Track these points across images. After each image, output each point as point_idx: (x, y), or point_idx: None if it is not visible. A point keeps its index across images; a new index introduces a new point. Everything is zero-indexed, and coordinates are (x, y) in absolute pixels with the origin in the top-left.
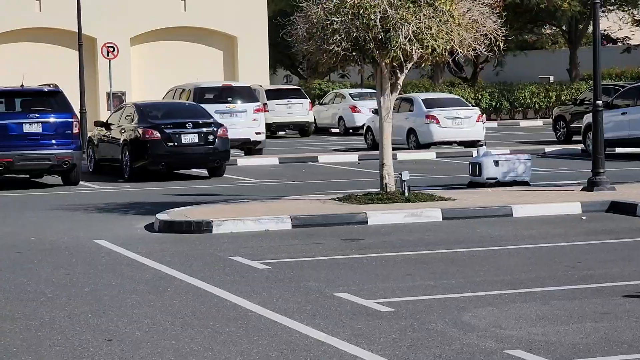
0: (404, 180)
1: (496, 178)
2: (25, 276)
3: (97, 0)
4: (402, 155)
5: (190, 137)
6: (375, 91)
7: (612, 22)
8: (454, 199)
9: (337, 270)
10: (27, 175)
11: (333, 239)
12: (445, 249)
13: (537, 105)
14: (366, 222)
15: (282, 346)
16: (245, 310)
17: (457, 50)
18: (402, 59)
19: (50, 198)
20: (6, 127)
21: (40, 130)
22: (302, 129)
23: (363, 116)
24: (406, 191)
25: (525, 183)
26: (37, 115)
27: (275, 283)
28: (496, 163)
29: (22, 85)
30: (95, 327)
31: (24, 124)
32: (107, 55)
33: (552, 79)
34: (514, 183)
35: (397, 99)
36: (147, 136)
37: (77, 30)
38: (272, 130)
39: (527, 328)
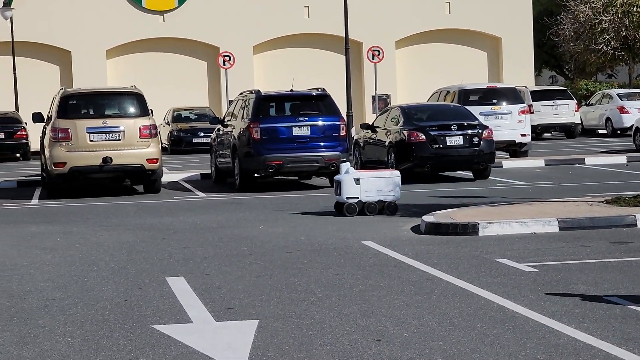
0: None
1: (357, 198)
2: (295, 276)
3: (363, 5)
4: None
5: (455, 139)
6: None
7: None
8: None
9: (606, 274)
10: (296, 177)
11: (601, 242)
12: None
13: None
14: (635, 225)
15: (550, 349)
16: (512, 313)
17: None
18: None
19: (319, 199)
20: (276, 131)
21: (309, 133)
22: (568, 131)
23: (631, 117)
24: None
25: (392, 204)
26: (306, 118)
27: (543, 286)
28: (357, 181)
29: (291, 90)
30: (364, 327)
31: (293, 127)
32: (373, 58)
33: None
34: (379, 203)
35: None
36: (413, 138)
37: (344, 35)
38: (538, 132)
39: None
